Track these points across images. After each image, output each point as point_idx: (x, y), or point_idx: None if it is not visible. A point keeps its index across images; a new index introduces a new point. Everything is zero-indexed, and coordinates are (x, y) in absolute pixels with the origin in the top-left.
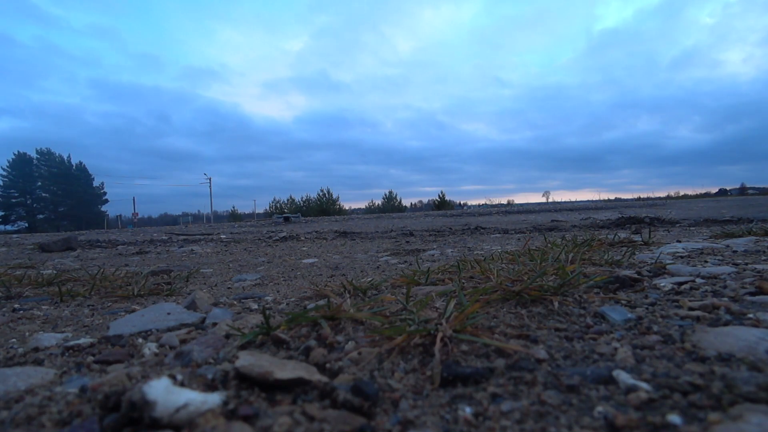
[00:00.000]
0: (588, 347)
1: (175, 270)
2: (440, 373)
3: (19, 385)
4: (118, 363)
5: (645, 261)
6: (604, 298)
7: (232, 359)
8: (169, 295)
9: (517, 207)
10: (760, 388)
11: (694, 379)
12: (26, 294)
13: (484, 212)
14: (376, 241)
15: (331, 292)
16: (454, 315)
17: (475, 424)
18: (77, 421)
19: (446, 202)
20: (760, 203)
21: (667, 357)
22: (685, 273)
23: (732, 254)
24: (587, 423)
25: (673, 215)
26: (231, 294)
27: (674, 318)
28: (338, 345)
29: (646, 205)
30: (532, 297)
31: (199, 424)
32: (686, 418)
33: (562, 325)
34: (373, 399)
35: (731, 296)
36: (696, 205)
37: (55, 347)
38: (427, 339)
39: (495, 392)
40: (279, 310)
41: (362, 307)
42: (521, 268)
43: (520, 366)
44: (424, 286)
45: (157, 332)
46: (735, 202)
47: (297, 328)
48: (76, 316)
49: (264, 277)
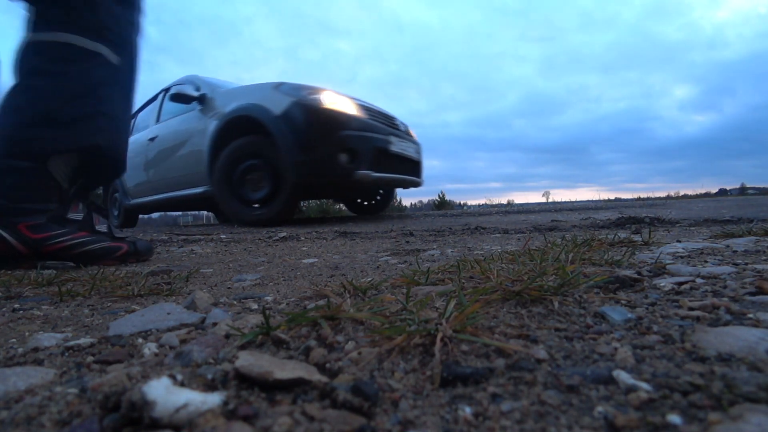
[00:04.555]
0: (588, 347)
1: (175, 270)
2: (440, 373)
3: (18, 385)
4: (118, 363)
5: (645, 261)
6: (604, 298)
7: (232, 359)
8: (169, 295)
9: (517, 207)
10: (760, 388)
11: (694, 379)
12: (26, 294)
13: (484, 212)
14: (376, 241)
15: (331, 292)
16: (454, 315)
17: (475, 424)
18: (77, 421)
19: (446, 202)
20: (760, 203)
21: (667, 357)
22: (685, 273)
23: (732, 254)
24: (587, 423)
25: (673, 215)
26: (231, 294)
27: (674, 318)
28: (338, 345)
29: (646, 205)
30: (532, 297)
31: (199, 424)
32: (686, 418)
33: (562, 325)
34: (373, 399)
35: (731, 296)
36: (696, 205)
37: (55, 347)
38: (427, 339)
39: (495, 392)
40: (279, 310)
41: (362, 307)
42: (521, 268)
43: (520, 366)
44: (424, 286)
45: (157, 332)
46: (735, 202)
47: (297, 328)
48: (76, 316)
49: (264, 277)
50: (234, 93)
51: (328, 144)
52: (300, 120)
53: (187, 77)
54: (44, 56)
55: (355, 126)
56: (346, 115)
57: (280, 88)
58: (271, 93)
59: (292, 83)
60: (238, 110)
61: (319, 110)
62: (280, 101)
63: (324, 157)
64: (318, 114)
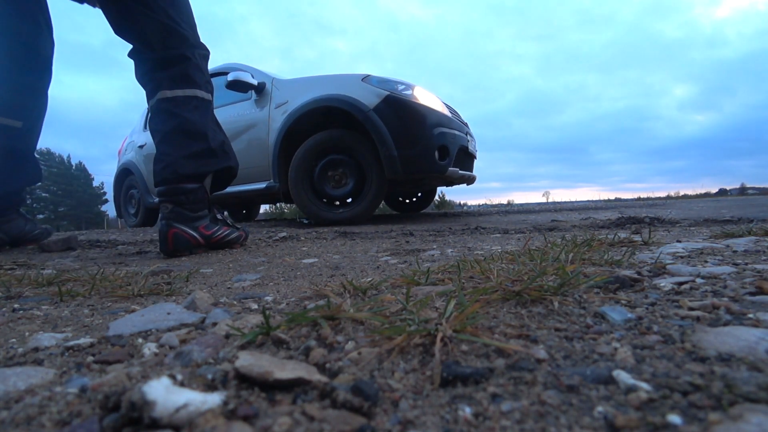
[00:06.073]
0: (588, 347)
1: (175, 270)
2: (440, 373)
3: (18, 385)
4: (118, 363)
5: (645, 261)
6: (604, 298)
7: (232, 359)
8: (169, 295)
9: (517, 207)
10: (760, 388)
11: (694, 379)
12: (26, 294)
13: (484, 212)
14: (376, 241)
15: (331, 292)
16: (454, 315)
17: (475, 424)
18: (77, 421)
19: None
20: (760, 203)
21: (667, 357)
22: (685, 273)
23: (732, 254)
24: (587, 423)
25: (673, 215)
26: (231, 294)
27: (674, 318)
28: (338, 345)
29: (646, 205)
30: (532, 297)
31: (199, 424)
32: (686, 418)
33: (562, 325)
34: (373, 399)
35: (731, 296)
36: (696, 205)
37: (55, 347)
38: (427, 339)
39: (495, 392)
40: (279, 310)
41: (362, 307)
42: (521, 268)
43: (520, 366)
44: (424, 286)
45: (157, 332)
46: (735, 202)
47: (297, 328)
48: (76, 316)
49: (264, 277)
50: (303, 84)
51: (425, 140)
52: (396, 114)
53: (226, 65)
54: (182, 105)
55: (445, 123)
56: (438, 112)
57: (369, 81)
58: (359, 85)
59: (378, 76)
60: (319, 101)
61: (415, 105)
62: (372, 94)
63: (421, 153)
64: (415, 109)
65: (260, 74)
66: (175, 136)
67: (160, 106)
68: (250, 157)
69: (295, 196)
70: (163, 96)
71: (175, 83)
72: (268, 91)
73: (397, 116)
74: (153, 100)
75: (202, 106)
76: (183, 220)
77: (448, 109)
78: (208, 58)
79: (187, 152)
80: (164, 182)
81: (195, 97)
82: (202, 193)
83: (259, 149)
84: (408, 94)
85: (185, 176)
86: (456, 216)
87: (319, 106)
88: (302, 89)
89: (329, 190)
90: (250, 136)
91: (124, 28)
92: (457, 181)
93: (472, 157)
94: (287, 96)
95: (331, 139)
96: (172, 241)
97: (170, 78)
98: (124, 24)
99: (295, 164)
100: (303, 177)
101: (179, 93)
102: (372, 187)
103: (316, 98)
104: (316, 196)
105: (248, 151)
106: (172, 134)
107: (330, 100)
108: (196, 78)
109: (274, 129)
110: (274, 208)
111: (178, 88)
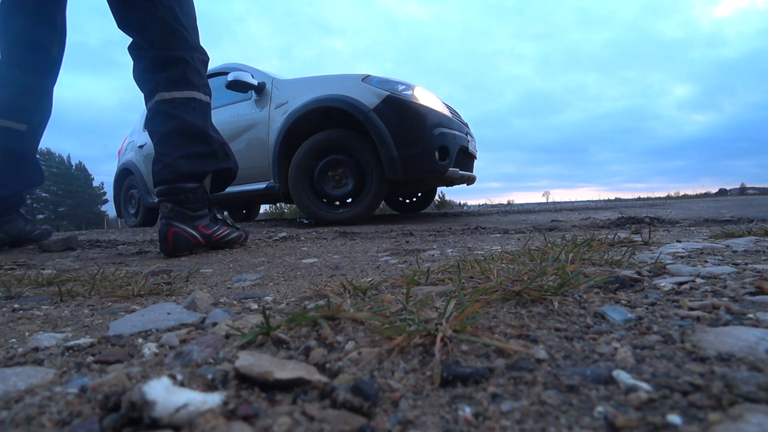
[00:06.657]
0: (588, 347)
1: (175, 270)
2: (440, 373)
3: (18, 385)
4: (118, 363)
5: (645, 261)
6: (604, 298)
7: (232, 359)
8: (169, 295)
9: (517, 207)
10: (760, 388)
11: (694, 379)
12: (26, 294)
13: (484, 212)
14: (376, 241)
15: (331, 292)
16: (454, 315)
17: (475, 424)
18: (77, 421)
19: (446, 202)
20: (760, 203)
21: (667, 357)
22: (685, 273)
23: (732, 254)
24: (587, 423)
25: (673, 215)
26: (231, 294)
27: (674, 318)
28: (338, 345)
29: (646, 205)
30: (532, 297)
31: (199, 424)
32: (686, 417)
33: (562, 325)
34: (373, 399)
35: (731, 296)
36: (696, 205)
37: (55, 347)
38: (427, 339)
39: (495, 392)
40: (279, 310)
41: (362, 307)
42: (521, 268)
43: (520, 366)
44: (424, 286)
45: (157, 332)
46: (735, 202)
47: (297, 328)
48: (76, 316)
49: (264, 277)
50: (303, 84)
51: (425, 140)
52: (397, 115)
53: (226, 65)
54: (181, 107)
55: (446, 123)
56: (438, 112)
57: (369, 81)
58: (359, 85)
59: (378, 76)
60: (320, 102)
61: (415, 105)
62: (372, 94)
63: (421, 153)
64: (415, 109)
65: (260, 74)
66: (174, 137)
67: (158, 107)
68: (250, 157)
69: (295, 196)
70: (162, 98)
71: (173, 85)
72: (268, 91)
73: (398, 116)
74: (151, 102)
75: (201, 108)
76: (183, 219)
77: (448, 110)
78: (207, 64)
79: (186, 152)
80: (163, 182)
81: (193, 99)
82: (202, 193)
83: (259, 149)
84: (408, 95)
85: (185, 175)
86: (456, 216)
87: (320, 106)
88: (302, 89)
89: (329, 190)
90: (250, 136)
91: (127, 21)
92: (457, 181)
93: (472, 157)
94: (287, 96)
95: (331, 140)
96: (172, 240)
97: (168, 80)
98: (128, 17)
99: (295, 164)
100: (303, 177)
101: (177, 95)
102: (372, 188)
103: (316, 98)
104: (316, 196)
105: (248, 151)
106: (171, 135)
107: (330, 101)
108: (194, 80)
109: (274, 129)
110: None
111: (176, 90)
